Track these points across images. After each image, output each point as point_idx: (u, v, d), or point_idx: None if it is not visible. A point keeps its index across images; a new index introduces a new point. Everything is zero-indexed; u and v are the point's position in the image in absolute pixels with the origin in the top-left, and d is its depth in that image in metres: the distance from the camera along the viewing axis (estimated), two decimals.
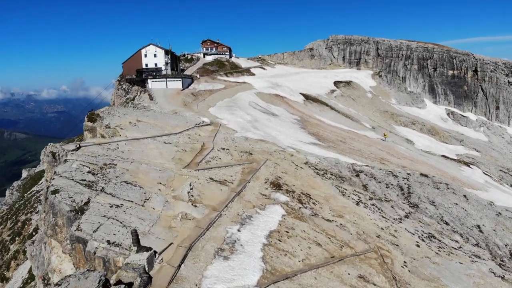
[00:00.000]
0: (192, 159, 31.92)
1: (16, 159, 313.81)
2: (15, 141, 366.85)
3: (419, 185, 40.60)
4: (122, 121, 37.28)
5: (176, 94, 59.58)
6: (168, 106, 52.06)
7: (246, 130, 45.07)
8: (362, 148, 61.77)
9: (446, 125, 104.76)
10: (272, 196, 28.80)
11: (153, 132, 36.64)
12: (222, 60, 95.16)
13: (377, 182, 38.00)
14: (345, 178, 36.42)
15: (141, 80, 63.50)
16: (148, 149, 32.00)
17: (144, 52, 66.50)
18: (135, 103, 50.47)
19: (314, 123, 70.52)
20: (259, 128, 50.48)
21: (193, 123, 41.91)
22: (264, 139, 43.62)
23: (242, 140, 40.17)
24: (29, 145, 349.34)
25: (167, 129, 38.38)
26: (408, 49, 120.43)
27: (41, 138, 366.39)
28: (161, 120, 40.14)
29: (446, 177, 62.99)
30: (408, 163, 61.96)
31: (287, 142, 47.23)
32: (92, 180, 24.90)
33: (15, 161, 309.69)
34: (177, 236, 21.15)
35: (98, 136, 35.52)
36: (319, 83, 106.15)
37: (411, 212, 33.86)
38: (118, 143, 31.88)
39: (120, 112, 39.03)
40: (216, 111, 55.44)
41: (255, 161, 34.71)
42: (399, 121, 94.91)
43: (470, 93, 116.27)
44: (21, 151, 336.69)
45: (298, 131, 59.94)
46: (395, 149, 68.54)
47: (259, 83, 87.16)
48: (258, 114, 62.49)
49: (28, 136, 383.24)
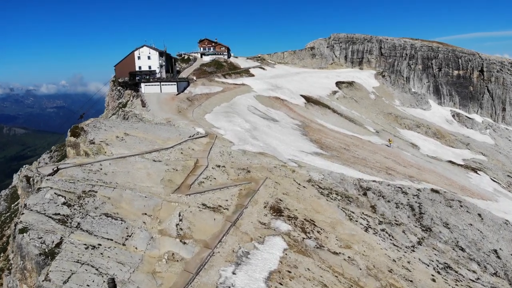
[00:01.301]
0: (184, 181, 28.92)
1: (15, 155, 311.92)
2: (14, 137, 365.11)
3: (430, 203, 37.65)
4: (108, 135, 34.20)
5: (170, 99, 56.42)
6: (161, 113, 48.98)
7: (244, 142, 42.02)
8: (367, 156, 58.80)
9: (451, 127, 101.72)
10: (272, 225, 25.84)
11: (141, 147, 33.58)
12: (220, 60, 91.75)
13: (386, 201, 35.05)
14: (351, 198, 33.44)
15: (134, 84, 60.29)
16: (134, 169, 28.97)
17: (137, 54, 63.15)
18: (126, 110, 47.33)
19: (316, 129, 67.45)
20: (258, 137, 47.43)
21: (186, 135, 38.85)
22: (264, 152, 40.60)
23: (239, 154, 37.14)
24: (29, 141, 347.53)
25: (157, 143, 35.33)
26: (412, 48, 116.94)
27: (41, 133, 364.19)
28: (152, 132, 37.06)
29: (454, 186, 60.18)
30: (415, 172, 59.07)
31: (288, 153, 44.23)
32: (67, 213, 21.87)
33: (15, 156, 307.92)
34: (161, 284, 18.20)
35: (82, 153, 32.46)
36: (321, 83, 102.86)
37: (424, 238, 30.94)
38: (101, 163, 28.83)
39: (107, 124, 35.92)
40: (212, 118, 52.37)
41: (254, 180, 31.72)
42: (404, 124, 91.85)
43: (475, 94, 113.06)
44: (20, 146, 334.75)
45: (299, 138, 56.91)
46: (401, 156, 65.57)
47: (259, 85, 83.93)
48: (258, 120, 59.41)
49: (28, 132, 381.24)
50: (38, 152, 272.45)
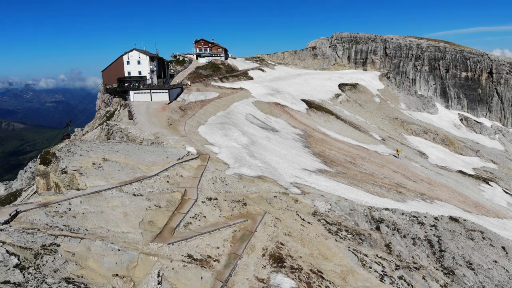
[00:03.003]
0: (167, 222, 24.59)
1: (14, 150, 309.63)
2: (13, 131, 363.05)
3: (450, 236, 33.40)
4: (84, 161, 29.79)
5: (161, 109, 51.91)
6: (150, 127, 44.53)
7: (240, 163, 37.63)
8: (374, 170, 54.52)
9: (459, 132, 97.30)
10: (272, 281, 21.57)
11: (121, 176, 29.21)
12: (217, 62, 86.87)
13: (401, 236, 30.78)
14: (363, 236, 29.16)
15: (123, 91, 55.68)
16: (110, 208, 24.62)
17: (126, 58, 58.37)
18: (110, 124, 42.85)
19: (319, 139, 63.05)
20: (257, 154, 43.04)
21: (175, 157, 34.45)
22: (263, 175, 36.25)
23: (235, 181, 32.78)
24: (28, 135, 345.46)
25: (140, 169, 30.94)
26: (419, 49, 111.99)
27: (40, 128, 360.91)
28: (135, 156, 32.63)
29: (468, 203, 56.04)
30: (427, 188, 54.88)
31: (289, 173, 39.89)
32: (19, 281, 17.49)
33: (13, 151, 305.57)
34: None
35: (52, 184, 28.07)
36: (323, 86, 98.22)
37: (447, 285, 26.71)
38: (71, 202, 24.48)
39: (83, 148, 31.48)
40: (206, 132, 47.94)
41: (250, 216, 27.44)
42: (410, 130, 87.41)
43: (484, 96, 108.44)
44: (19, 141, 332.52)
45: (301, 152, 52.54)
46: (410, 169, 61.30)
47: (258, 89, 79.31)
48: (256, 131, 55.00)
49: (27, 126, 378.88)
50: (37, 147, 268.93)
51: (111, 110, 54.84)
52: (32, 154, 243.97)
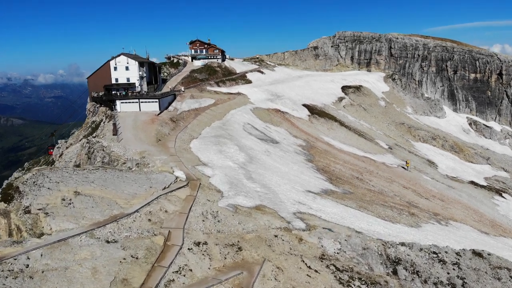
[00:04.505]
0: (144, 281, 20.27)
1: (13, 146, 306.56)
2: (12, 127, 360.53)
3: (475, 276, 29.14)
4: (51, 197, 25.42)
5: (150, 121, 47.45)
6: (135, 144, 40.12)
7: (236, 189, 33.28)
8: (384, 187, 50.29)
9: (468, 138, 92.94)
10: None
11: (95, 214, 24.85)
12: (213, 65, 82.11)
13: (422, 281, 26.54)
14: (379, 284, 24.90)
15: (110, 100, 51.17)
16: (76, 263, 20.29)
17: (113, 64, 53.71)
18: (92, 141, 38.41)
19: (323, 150, 58.67)
20: (255, 176, 38.69)
21: (160, 186, 30.12)
22: (261, 204, 31.92)
23: (229, 215, 28.46)
24: (26, 131, 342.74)
25: (118, 204, 26.59)
26: (425, 49, 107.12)
27: (39, 123, 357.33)
28: (113, 186, 28.27)
29: (484, 222, 51.93)
30: (440, 207, 50.68)
31: (292, 200, 35.57)
32: None
33: (12, 147, 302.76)
34: None
35: (13, 227, 23.74)
36: (325, 89, 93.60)
37: None
38: (29, 255, 20.19)
39: (53, 179, 27.09)
40: (199, 148, 43.55)
41: (247, 265, 23.15)
42: (418, 136, 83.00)
43: (493, 99, 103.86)
44: (18, 137, 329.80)
45: (304, 168, 48.21)
46: (421, 184, 57.03)
47: (256, 94, 74.76)
48: (255, 144, 50.63)
49: (25, 122, 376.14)
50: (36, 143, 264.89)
51: (96, 121, 50.43)
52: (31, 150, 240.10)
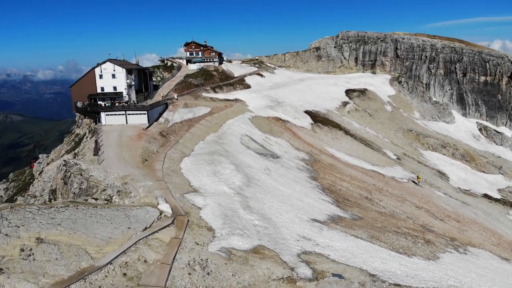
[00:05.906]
0: None
1: (12, 142, 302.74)
2: (11, 124, 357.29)
3: None
4: (8, 246, 20.63)
5: (136, 137, 42.53)
6: (118, 167, 35.25)
7: (230, 225, 28.45)
8: (395, 208, 45.58)
9: (479, 144, 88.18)
10: None
11: (58, 269, 20.03)
12: (210, 69, 77.09)
13: None
14: None
15: (94, 112, 46.31)
16: None
17: (98, 71, 48.67)
18: (69, 163, 33.58)
19: (327, 164, 53.87)
20: (253, 204, 33.88)
21: (140, 226, 25.27)
22: (260, 245, 27.05)
23: (221, 264, 23.61)
24: (26, 128, 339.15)
25: (88, 253, 21.75)
26: (433, 50, 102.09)
27: (38, 120, 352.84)
28: (84, 229, 23.43)
29: (503, 246, 47.49)
30: (457, 230, 46.06)
31: (295, 235, 30.73)
32: None
33: (11, 144, 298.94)
34: None
35: None
36: (328, 93, 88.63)
37: None
38: None
39: (13, 221, 22.26)
40: (191, 168, 38.70)
41: None
42: (427, 144, 78.19)
43: (504, 103, 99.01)
44: (17, 133, 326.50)
45: (308, 188, 43.44)
46: (434, 202, 52.31)
47: (255, 101, 69.87)
48: (253, 161, 45.83)
49: (25, 118, 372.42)
50: (35, 140, 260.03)
51: (80, 134, 45.62)
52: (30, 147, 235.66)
